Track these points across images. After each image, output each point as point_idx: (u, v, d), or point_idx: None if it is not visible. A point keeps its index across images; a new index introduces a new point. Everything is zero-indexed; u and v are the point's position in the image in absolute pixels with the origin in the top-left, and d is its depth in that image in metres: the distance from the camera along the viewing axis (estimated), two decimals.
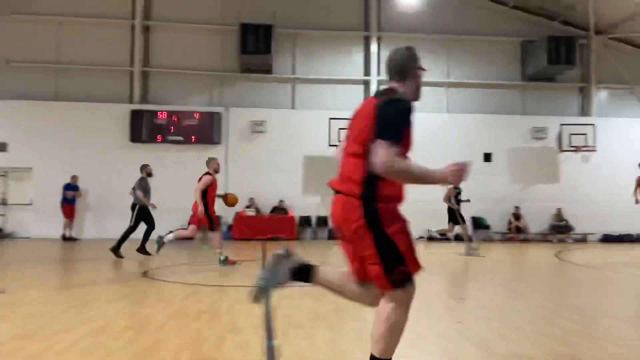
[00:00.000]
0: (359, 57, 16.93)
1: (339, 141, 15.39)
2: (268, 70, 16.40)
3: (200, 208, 8.21)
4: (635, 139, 16.81)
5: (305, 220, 15.71)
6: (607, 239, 16.13)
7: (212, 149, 15.41)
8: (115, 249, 9.33)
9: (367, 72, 16.78)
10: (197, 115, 15.62)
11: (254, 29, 15.26)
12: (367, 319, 4.68)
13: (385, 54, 16.93)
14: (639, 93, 16.92)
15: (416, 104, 2.64)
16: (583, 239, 16.08)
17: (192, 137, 15.54)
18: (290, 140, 15.98)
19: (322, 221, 15.62)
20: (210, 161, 8.73)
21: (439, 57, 16.94)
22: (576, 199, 16.44)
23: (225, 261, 8.44)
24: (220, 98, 16.32)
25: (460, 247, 11.48)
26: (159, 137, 15.49)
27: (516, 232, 16.08)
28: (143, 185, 9.89)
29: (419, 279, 2.62)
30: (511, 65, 17.25)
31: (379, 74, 16.69)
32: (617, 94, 17.37)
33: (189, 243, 12.17)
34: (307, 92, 16.64)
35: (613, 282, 7.71)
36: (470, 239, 11.67)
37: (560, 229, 16.21)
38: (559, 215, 16.30)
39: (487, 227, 16.08)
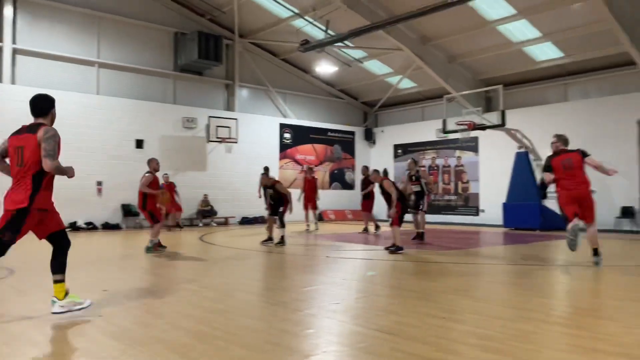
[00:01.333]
0: None
1: None
2: None
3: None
4: (266, 133, 19.56)
5: None
6: (245, 221, 18.28)
7: None
8: None
9: None
10: None
11: None
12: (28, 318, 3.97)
13: (23, 20, 14.75)
14: (272, 93, 19.66)
15: (62, 82, 2.37)
16: (225, 222, 17.77)
17: None
18: None
19: None
20: (150, 161, 9.51)
21: (88, 34, 15.83)
22: (220, 186, 18.04)
23: (152, 248, 9.21)
24: None
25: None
26: None
27: (166, 217, 16.45)
28: None
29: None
30: (164, 54, 17.49)
31: (14, 41, 14.41)
32: (256, 93, 19.79)
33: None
34: None
35: (247, 260, 8.75)
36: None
37: (205, 214, 17.45)
38: (205, 201, 17.51)
39: (137, 214, 15.84)
